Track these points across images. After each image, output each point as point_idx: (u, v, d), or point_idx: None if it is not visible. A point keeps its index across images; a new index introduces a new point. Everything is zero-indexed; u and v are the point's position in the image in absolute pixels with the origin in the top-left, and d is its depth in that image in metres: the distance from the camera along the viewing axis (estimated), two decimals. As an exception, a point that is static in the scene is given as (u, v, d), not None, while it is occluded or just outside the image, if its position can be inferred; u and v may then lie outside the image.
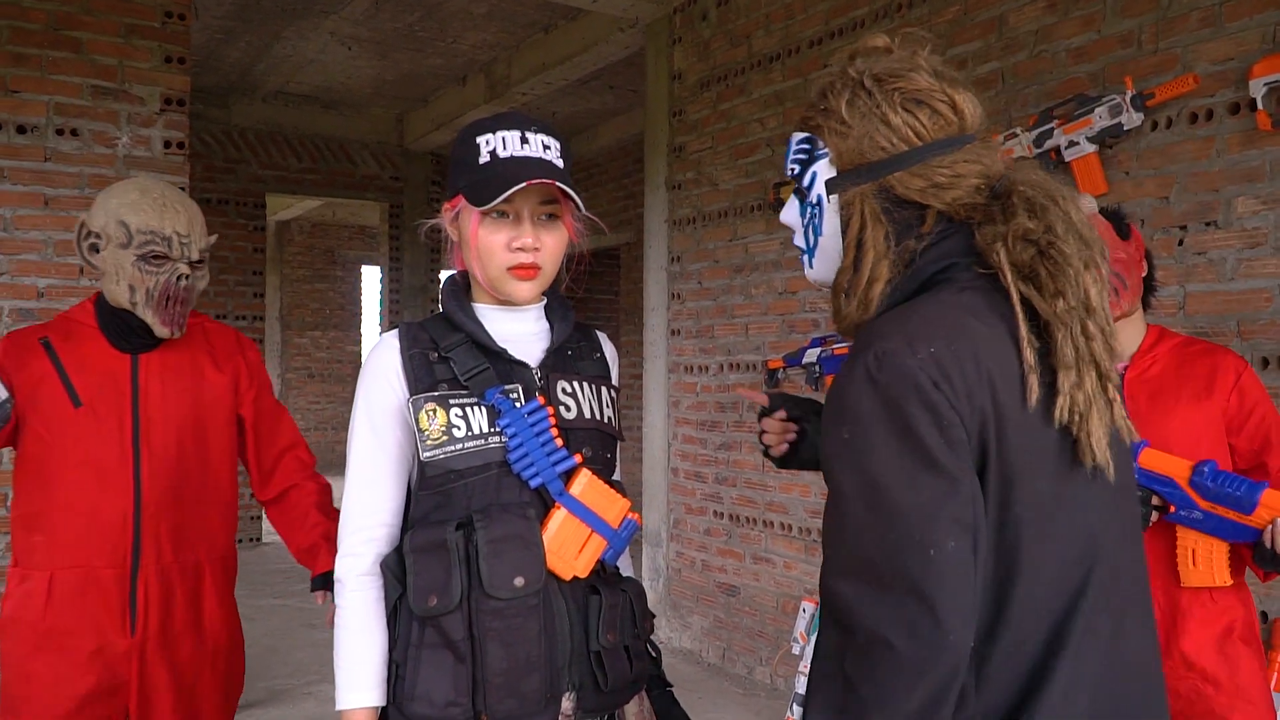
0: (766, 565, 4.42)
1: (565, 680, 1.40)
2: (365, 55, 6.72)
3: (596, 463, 1.48)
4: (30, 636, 1.94)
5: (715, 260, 4.74)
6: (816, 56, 4.15)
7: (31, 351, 1.96)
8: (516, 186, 1.37)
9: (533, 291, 1.46)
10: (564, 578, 1.40)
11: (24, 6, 3.61)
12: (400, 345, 1.46)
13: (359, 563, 1.45)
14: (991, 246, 1.08)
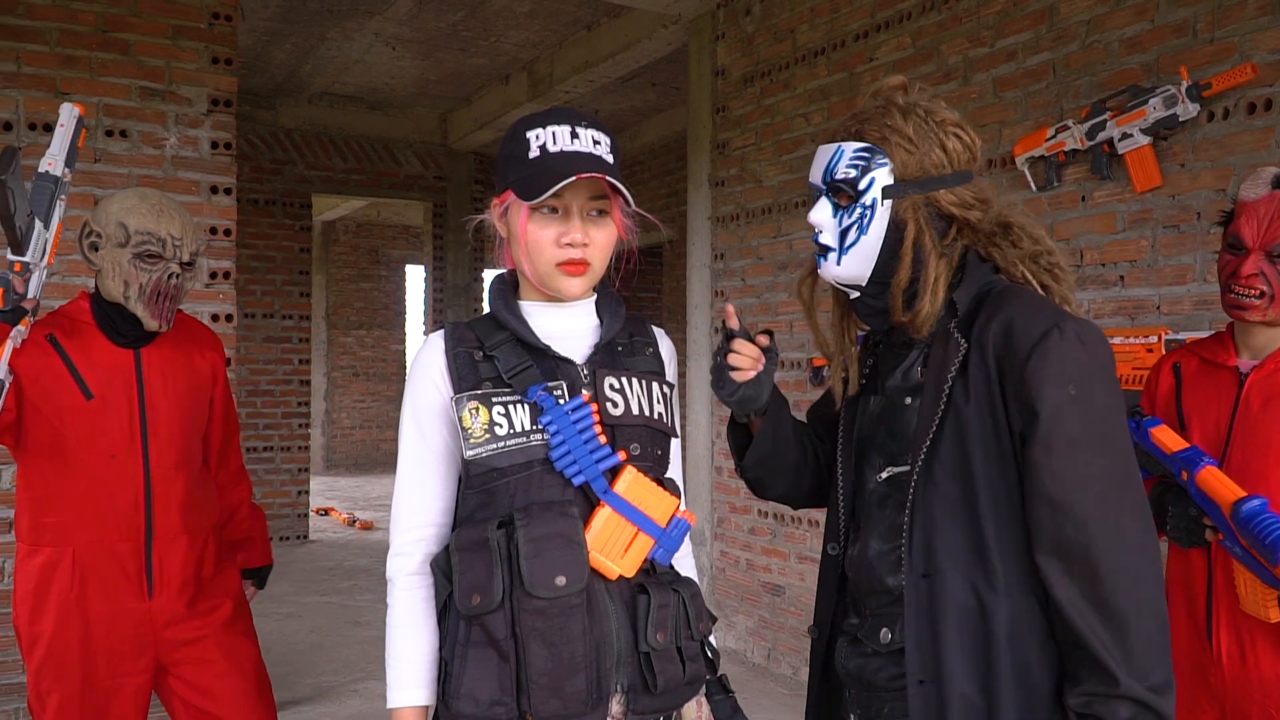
0: (811, 565, 4.37)
1: (613, 681, 1.38)
2: (409, 55, 6.76)
3: (645, 460, 1.45)
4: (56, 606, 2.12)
5: (759, 257, 4.70)
6: (862, 50, 4.09)
7: (40, 347, 2.10)
8: (566, 180, 1.35)
9: (582, 287, 1.44)
10: (609, 577, 1.38)
11: (73, 9, 3.66)
12: (445, 345, 1.46)
13: (408, 562, 1.46)
14: (1013, 264, 1.39)
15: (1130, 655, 1.21)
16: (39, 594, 2.14)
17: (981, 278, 1.39)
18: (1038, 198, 3.36)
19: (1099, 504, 1.24)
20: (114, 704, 2.19)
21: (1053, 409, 1.24)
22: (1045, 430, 1.25)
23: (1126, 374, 2.99)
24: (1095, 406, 1.26)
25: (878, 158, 1.37)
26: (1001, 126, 3.50)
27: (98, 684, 2.16)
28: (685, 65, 5.50)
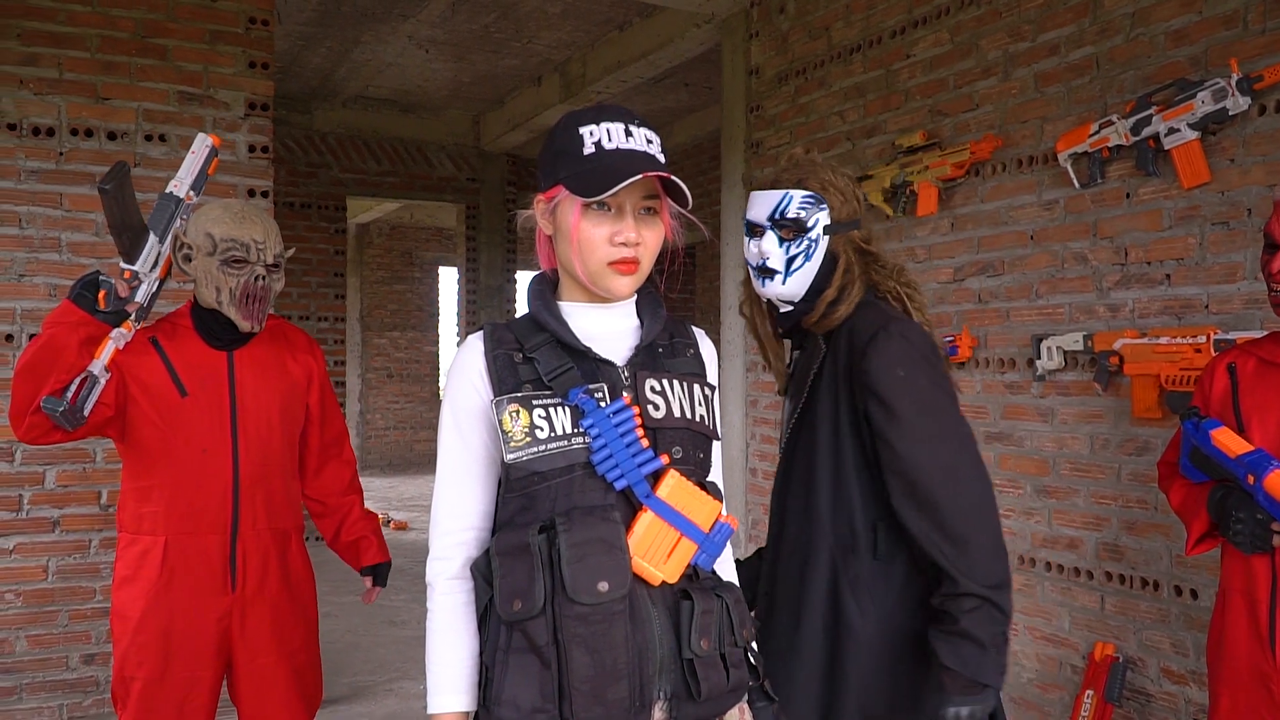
0: (848, 568, 4.32)
1: (656, 689, 1.36)
2: (442, 58, 6.78)
3: (687, 463, 1.43)
4: (145, 593, 2.24)
5: (794, 257, 4.65)
6: (899, 47, 4.05)
7: (144, 349, 2.25)
8: (633, 178, 1.34)
9: (631, 287, 1.43)
10: (652, 583, 1.36)
11: (112, 16, 3.70)
12: (484, 346, 1.44)
13: (448, 566, 1.45)
14: (887, 285, 1.87)
15: (971, 564, 1.65)
16: (131, 581, 2.27)
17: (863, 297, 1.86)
18: (1080, 194, 3.31)
19: (933, 455, 1.68)
20: (191, 696, 2.28)
21: (887, 388, 1.70)
22: (885, 405, 1.70)
23: (1173, 375, 2.93)
24: (920, 384, 1.71)
25: (819, 204, 1.84)
26: (1043, 122, 3.44)
27: (177, 674, 2.26)
28: (718, 64, 5.47)
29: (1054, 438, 3.41)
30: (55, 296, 3.59)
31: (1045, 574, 3.44)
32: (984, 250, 3.67)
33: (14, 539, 3.56)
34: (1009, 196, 3.57)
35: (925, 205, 3.83)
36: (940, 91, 3.85)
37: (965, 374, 3.74)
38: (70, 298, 2.12)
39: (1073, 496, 3.35)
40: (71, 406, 2.10)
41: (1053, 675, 3.41)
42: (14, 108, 3.58)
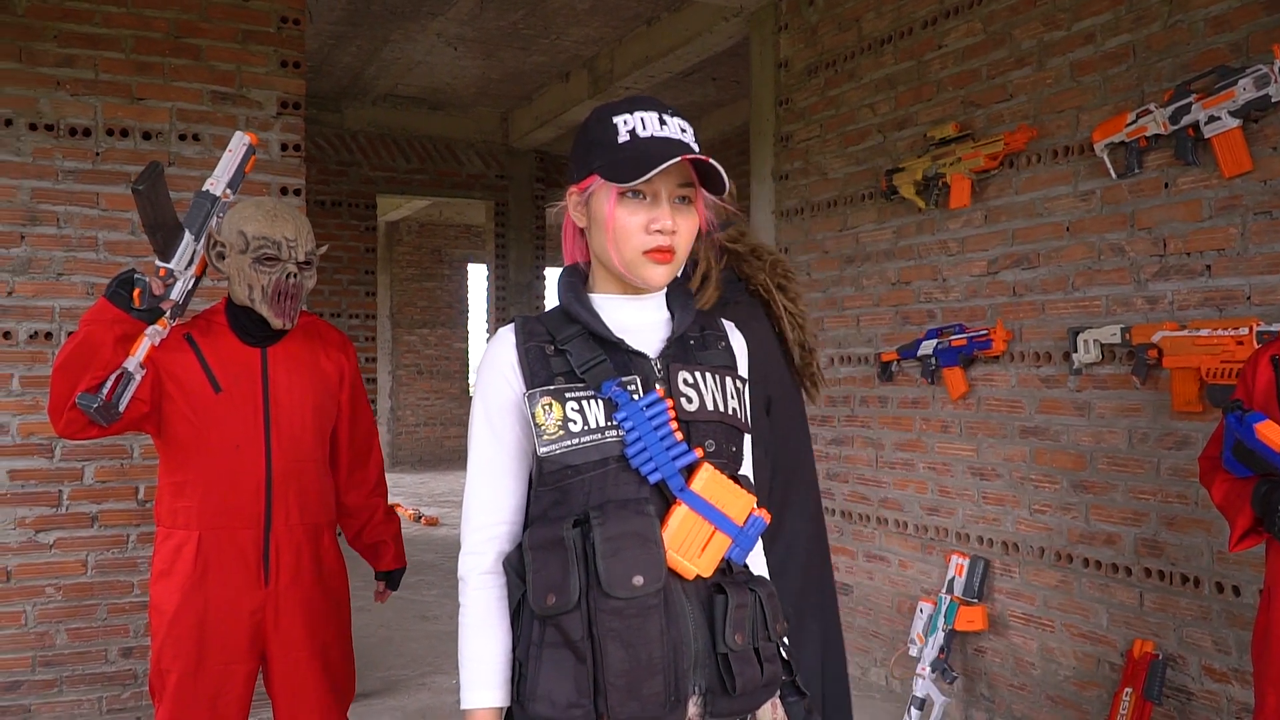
0: (880, 564, 4.30)
1: (691, 683, 1.35)
2: (470, 55, 6.79)
3: (721, 457, 1.42)
4: (180, 587, 2.26)
5: (824, 251, 4.63)
6: (930, 37, 4.01)
7: (179, 346, 2.28)
8: (671, 161, 1.33)
9: (666, 277, 1.42)
10: (686, 577, 1.35)
11: (146, 16, 3.73)
12: (516, 339, 1.43)
13: (481, 561, 1.43)
14: (759, 279, 1.93)
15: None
16: (167, 575, 2.30)
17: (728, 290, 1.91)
18: (1118, 185, 3.26)
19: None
20: (226, 689, 2.30)
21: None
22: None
23: (1214, 367, 2.89)
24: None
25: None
26: (1079, 112, 3.40)
27: (211, 667, 2.28)
28: (746, 58, 5.44)
29: (1091, 432, 3.37)
30: (92, 295, 3.63)
31: (1082, 570, 3.40)
32: (1018, 242, 3.63)
33: (54, 534, 3.60)
34: (1044, 188, 3.53)
35: (958, 197, 3.79)
36: (973, 82, 3.81)
37: (999, 368, 3.70)
38: (106, 296, 2.15)
39: (1110, 492, 3.31)
40: (106, 403, 2.12)
41: (1090, 672, 3.37)
42: (51, 109, 3.63)
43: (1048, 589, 3.53)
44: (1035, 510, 3.57)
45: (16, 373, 3.58)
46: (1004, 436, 3.69)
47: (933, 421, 4.02)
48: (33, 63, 3.60)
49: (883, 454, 4.28)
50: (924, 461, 4.06)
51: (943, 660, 3.66)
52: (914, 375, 4.10)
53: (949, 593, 3.77)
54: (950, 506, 3.93)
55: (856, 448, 4.43)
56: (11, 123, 3.58)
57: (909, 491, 4.13)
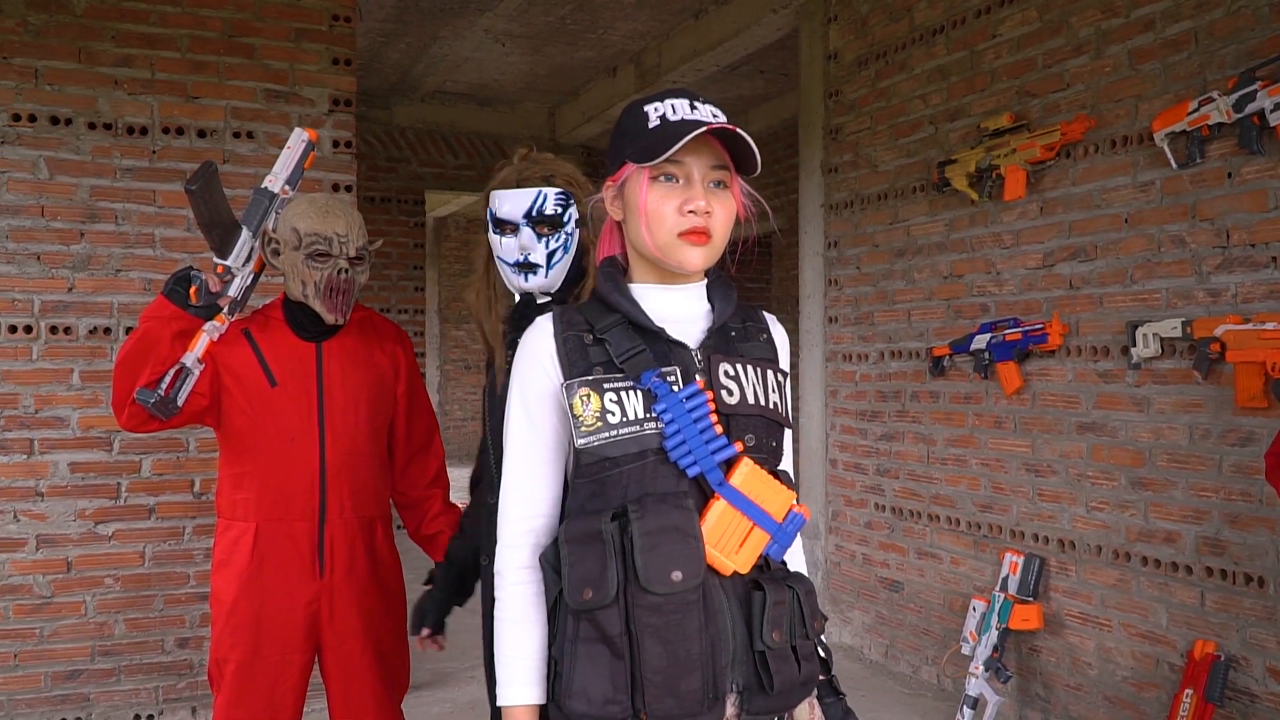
0: (932, 560, 4.25)
1: (728, 680, 1.33)
2: (518, 51, 6.81)
3: (761, 451, 1.39)
4: (238, 577, 2.30)
5: (874, 244, 4.58)
6: (984, 26, 3.94)
7: (237, 340, 2.31)
8: (696, 132, 1.32)
9: (702, 261, 1.39)
10: (724, 573, 1.33)
11: (201, 16, 3.78)
12: (554, 329, 1.41)
13: (517, 555, 1.42)
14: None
15: None
16: (226, 565, 2.34)
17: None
18: (1179, 175, 3.18)
19: None
20: (282, 678, 2.34)
21: None
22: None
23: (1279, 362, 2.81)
24: None
25: (570, 200, 1.96)
26: (1138, 101, 3.33)
27: (268, 657, 2.32)
28: (795, 51, 5.40)
29: (1150, 428, 3.30)
30: (150, 290, 3.70)
31: (1141, 569, 3.33)
32: (1075, 235, 3.56)
33: (113, 525, 3.68)
34: (1102, 178, 3.46)
35: (1012, 189, 3.73)
36: (1028, 71, 3.74)
37: (1055, 362, 3.64)
38: (164, 293, 2.19)
39: (1170, 489, 3.23)
40: (164, 397, 2.16)
41: (1149, 673, 3.30)
42: (109, 108, 3.69)
43: (1105, 588, 3.46)
44: (1092, 507, 3.50)
45: (77, 367, 3.65)
46: (1060, 432, 3.63)
47: (986, 417, 3.96)
48: (91, 62, 3.67)
49: (934, 450, 4.22)
50: (977, 458, 4.00)
51: (997, 659, 3.61)
52: (966, 370, 4.04)
53: (1003, 591, 3.71)
54: (1004, 503, 3.87)
55: (907, 443, 4.37)
56: (71, 122, 3.65)
57: (961, 488, 4.08)
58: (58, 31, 3.63)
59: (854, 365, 4.73)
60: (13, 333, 3.58)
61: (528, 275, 1.94)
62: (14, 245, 3.59)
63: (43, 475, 3.61)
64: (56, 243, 3.64)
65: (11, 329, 3.58)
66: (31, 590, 3.58)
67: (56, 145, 3.64)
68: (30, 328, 3.60)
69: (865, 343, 4.65)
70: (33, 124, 3.61)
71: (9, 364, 3.58)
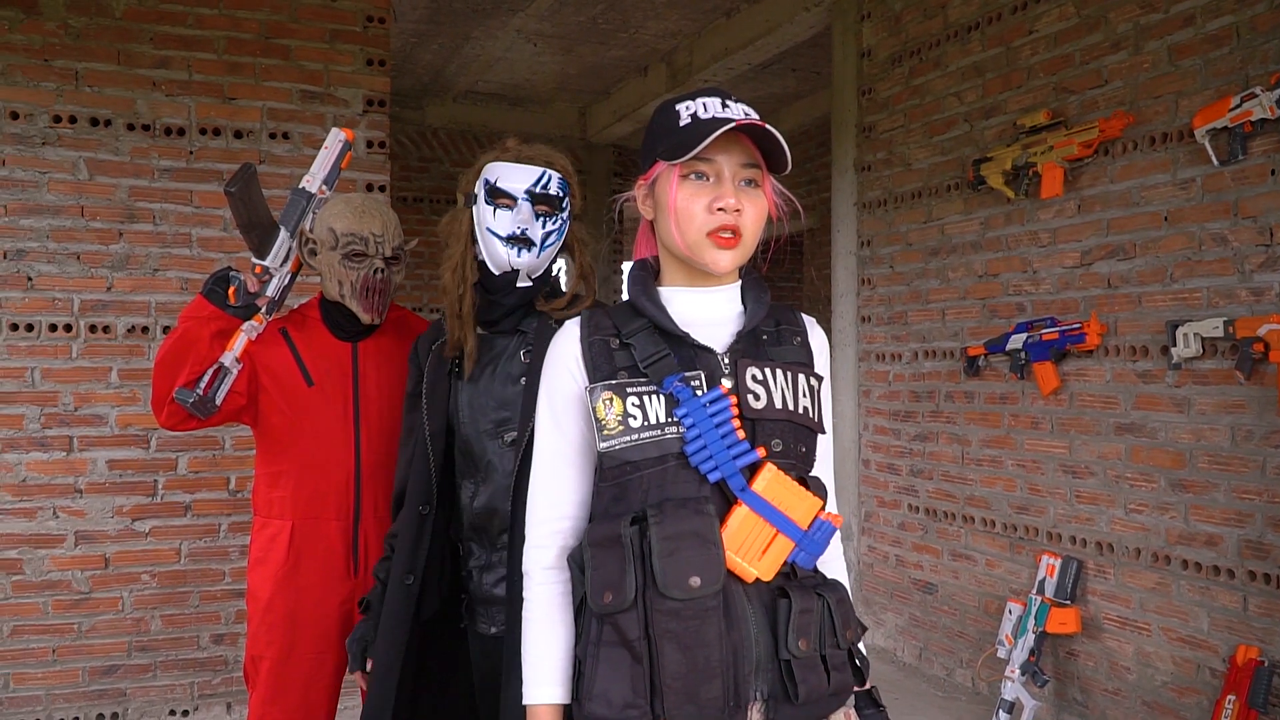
0: (966, 562, 4.21)
1: (752, 689, 1.31)
2: (550, 51, 6.82)
3: (788, 457, 1.37)
4: (274, 575, 2.31)
5: (908, 243, 4.55)
6: (1020, 23, 3.90)
7: (274, 339, 2.33)
8: (724, 128, 1.32)
9: (732, 262, 1.38)
10: (746, 580, 1.32)
11: (238, 18, 3.82)
12: (580, 333, 1.42)
13: (544, 555, 1.42)
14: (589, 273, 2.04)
15: None
16: (262, 563, 2.35)
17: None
18: (1220, 172, 3.13)
19: None
20: (317, 677, 2.35)
21: None
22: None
23: (1325, 361, 2.76)
24: None
25: (568, 190, 1.95)
26: (1178, 98, 3.27)
27: (303, 654, 2.33)
28: (827, 48, 5.36)
29: (1191, 429, 3.25)
30: (187, 290, 3.73)
31: (1181, 572, 3.28)
32: (1114, 233, 3.52)
33: (149, 522, 3.72)
34: (1141, 176, 3.41)
35: (1050, 187, 3.68)
36: (1065, 68, 3.70)
37: (1093, 362, 3.59)
38: (203, 293, 2.20)
39: (1211, 491, 3.18)
40: (203, 397, 2.18)
41: (1190, 679, 3.25)
42: (148, 109, 3.73)
43: (1144, 591, 3.41)
44: (1131, 510, 3.46)
45: (115, 366, 3.70)
46: (1098, 433, 3.58)
47: (1022, 417, 3.91)
48: (130, 64, 3.71)
49: (969, 450, 4.18)
50: (1013, 459, 3.95)
51: (1033, 663, 3.56)
52: (1002, 370, 4.00)
53: (1040, 594, 3.67)
54: (1040, 505, 3.83)
55: (941, 444, 4.34)
56: (110, 123, 3.69)
57: (997, 489, 4.04)
58: (97, 34, 3.67)
59: (887, 365, 4.69)
60: (53, 331, 3.63)
61: (521, 250, 1.89)
62: (55, 245, 3.63)
63: (81, 472, 3.65)
64: (96, 242, 3.68)
65: (52, 327, 3.63)
66: (70, 586, 3.63)
67: (96, 146, 3.68)
68: (70, 326, 3.65)
69: (899, 342, 4.61)
70: (73, 125, 3.65)
71: (49, 362, 3.63)
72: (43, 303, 3.63)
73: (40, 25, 3.62)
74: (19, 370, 3.60)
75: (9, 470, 3.58)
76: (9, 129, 3.59)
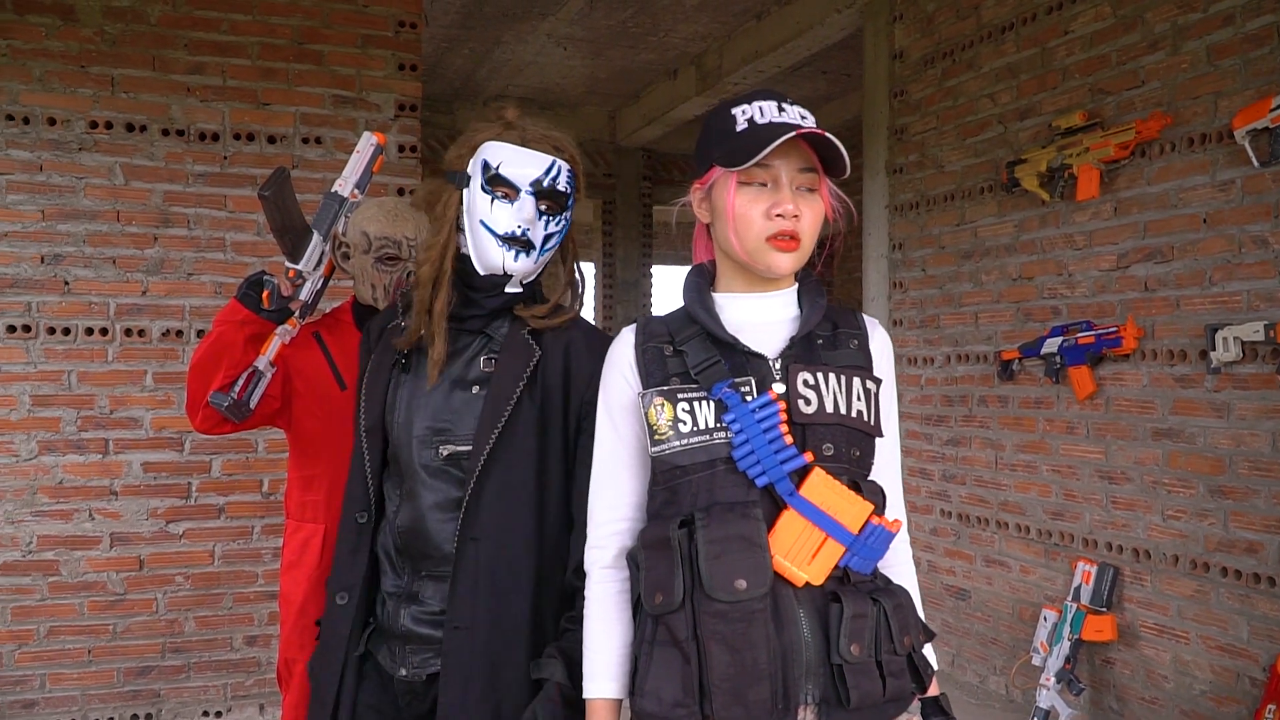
0: (1000, 569, 4.16)
1: (802, 692, 1.31)
2: (580, 55, 6.83)
3: (840, 461, 1.37)
4: (307, 579, 2.30)
5: (940, 246, 4.51)
6: (1055, 24, 3.86)
7: (308, 343, 2.33)
8: (785, 136, 1.32)
9: (791, 266, 1.39)
10: (795, 583, 1.32)
11: (271, 24, 3.85)
12: (635, 339, 1.45)
13: (602, 555, 1.46)
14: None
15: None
16: (295, 566, 2.35)
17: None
18: (1260, 174, 3.08)
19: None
20: None
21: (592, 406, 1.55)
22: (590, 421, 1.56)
23: (1370, 365, 2.70)
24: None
25: (576, 182, 1.69)
26: (1217, 98, 3.22)
27: None
28: (858, 50, 5.34)
29: (1230, 434, 3.19)
30: (221, 294, 3.76)
31: (1220, 580, 3.22)
32: (1151, 235, 3.47)
33: (183, 525, 3.75)
34: (1179, 177, 3.36)
35: (1085, 189, 3.64)
36: (1102, 68, 3.65)
37: (1130, 366, 3.54)
38: (237, 297, 2.21)
39: (1252, 497, 3.13)
40: (237, 400, 2.19)
41: (1229, 687, 3.20)
42: (182, 114, 3.77)
43: (1182, 599, 3.36)
44: (1169, 516, 3.40)
45: (150, 369, 3.73)
46: (1135, 439, 3.53)
47: (1057, 422, 3.87)
48: (165, 70, 3.75)
49: (1003, 455, 4.14)
50: (1047, 464, 3.91)
51: (1069, 671, 3.52)
52: (1036, 374, 3.95)
53: (1075, 600, 3.62)
54: (1076, 511, 3.78)
55: (974, 449, 4.29)
56: (146, 128, 3.73)
57: (1031, 494, 3.99)
58: (133, 40, 3.72)
59: (919, 369, 4.66)
60: (89, 335, 3.67)
61: (519, 254, 1.63)
62: (91, 249, 3.68)
63: (117, 475, 3.69)
64: (131, 247, 3.72)
65: (88, 331, 3.67)
66: (105, 587, 3.67)
67: (131, 151, 3.72)
68: (106, 330, 3.69)
69: (931, 346, 4.57)
70: (109, 131, 3.70)
71: (86, 365, 3.67)
72: (79, 307, 3.67)
73: (77, 32, 3.66)
74: (56, 373, 3.65)
75: (46, 472, 3.62)
76: (46, 135, 3.64)
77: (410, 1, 4.02)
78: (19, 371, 3.61)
